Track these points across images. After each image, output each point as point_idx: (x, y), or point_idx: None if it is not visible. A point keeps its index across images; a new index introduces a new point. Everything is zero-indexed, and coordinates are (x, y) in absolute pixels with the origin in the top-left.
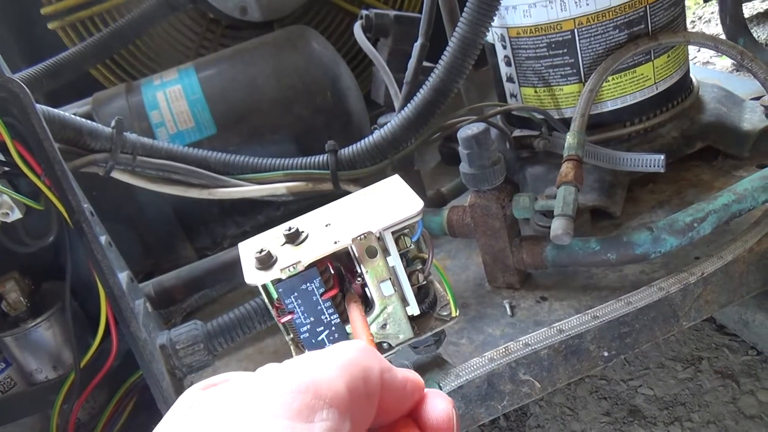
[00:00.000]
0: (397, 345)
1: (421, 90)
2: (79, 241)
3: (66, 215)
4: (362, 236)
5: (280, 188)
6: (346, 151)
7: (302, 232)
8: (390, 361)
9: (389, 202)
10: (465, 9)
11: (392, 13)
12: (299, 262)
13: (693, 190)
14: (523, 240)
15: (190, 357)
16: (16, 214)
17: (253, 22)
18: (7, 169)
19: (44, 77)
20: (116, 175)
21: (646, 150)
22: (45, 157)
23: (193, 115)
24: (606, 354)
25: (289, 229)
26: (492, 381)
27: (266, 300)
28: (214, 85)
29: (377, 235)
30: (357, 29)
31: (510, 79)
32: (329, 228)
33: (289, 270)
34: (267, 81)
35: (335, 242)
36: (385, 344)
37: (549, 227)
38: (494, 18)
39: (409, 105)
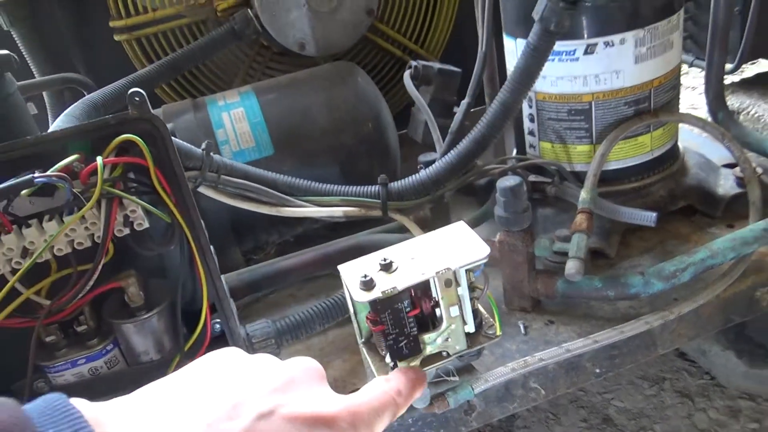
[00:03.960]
0: (454, 354)
1: (464, 140)
2: (190, 249)
3: (187, 229)
4: (443, 271)
5: (337, 212)
6: (396, 185)
7: (393, 262)
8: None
9: (462, 245)
10: (509, 78)
11: (436, 66)
12: (395, 287)
13: (674, 240)
14: (538, 273)
15: (263, 350)
16: (145, 224)
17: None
18: (142, 188)
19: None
20: (202, 190)
21: (639, 204)
22: (175, 180)
23: (254, 136)
24: (598, 371)
25: (385, 260)
26: (508, 386)
27: (353, 312)
28: (274, 111)
29: (454, 270)
30: (406, 77)
31: (531, 133)
32: (414, 261)
33: (388, 292)
34: (320, 111)
35: (422, 273)
36: (444, 353)
37: (558, 263)
38: (532, 88)
39: (452, 151)
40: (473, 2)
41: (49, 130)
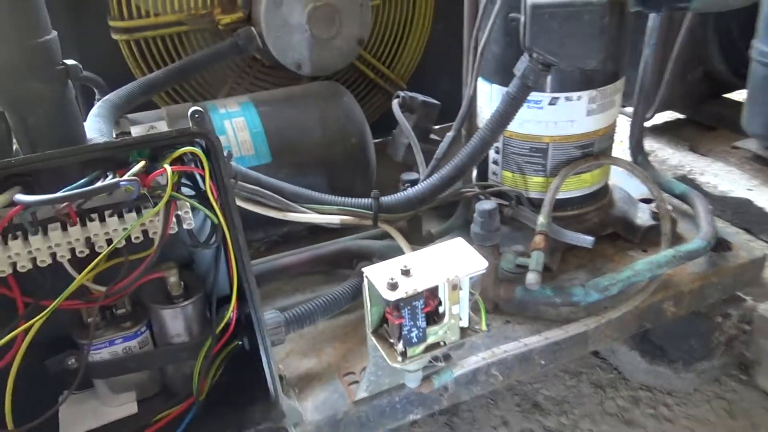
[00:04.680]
0: (450, 343)
1: (446, 167)
2: (226, 247)
3: (227, 230)
4: (453, 277)
5: (335, 219)
6: (386, 200)
7: (410, 269)
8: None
9: (464, 257)
10: (489, 118)
11: (420, 98)
12: (416, 289)
13: (601, 259)
14: (501, 281)
15: (274, 336)
16: (194, 224)
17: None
18: (193, 193)
19: (141, 93)
20: None
21: (577, 228)
22: (223, 188)
23: (254, 145)
24: (543, 363)
25: (405, 266)
26: (476, 373)
27: (368, 307)
28: (273, 123)
29: (461, 278)
30: (395, 105)
31: (495, 162)
32: (427, 268)
33: (410, 293)
34: (314, 126)
35: (436, 279)
36: (442, 342)
37: (515, 273)
38: (506, 128)
39: (436, 175)
40: (440, 37)
41: (95, 135)
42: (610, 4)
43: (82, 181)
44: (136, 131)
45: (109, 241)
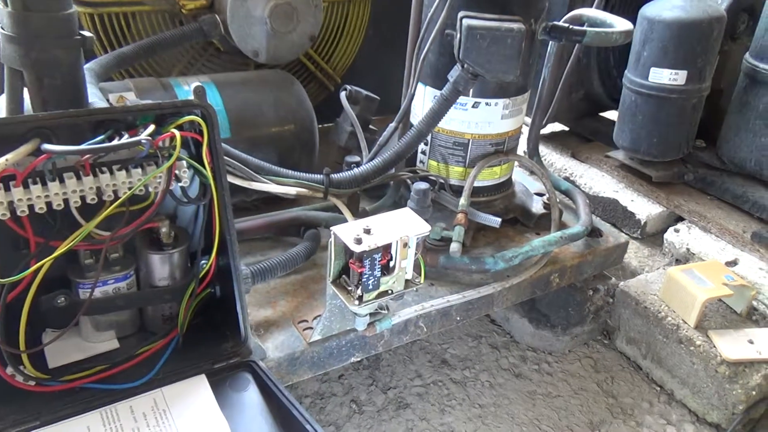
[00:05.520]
0: (396, 292)
1: (388, 152)
2: (210, 205)
3: (215, 189)
4: (405, 237)
5: (292, 190)
6: (336, 176)
7: (371, 228)
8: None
9: (411, 222)
10: (424, 115)
11: (363, 92)
12: (376, 244)
13: (504, 239)
14: (427, 250)
15: (245, 285)
16: (189, 182)
17: (238, 55)
18: (188, 157)
19: (116, 65)
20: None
21: (487, 212)
22: (216, 153)
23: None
24: (458, 318)
25: (366, 226)
26: (407, 323)
27: (331, 259)
28: (232, 102)
29: (410, 237)
30: (343, 97)
31: (423, 153)
32: (383, 229)
33: (372, 246)
34: (269, 109)
35: (391, 237)
36: (389, 291)
37: (437, 245)
38: (439, 123)
39: (379, 158)
40: (372, 41)
41: (95, 100)
42: (526, 32)
43: (100, 137)
44: (111, 99)
45: (115, 192)
